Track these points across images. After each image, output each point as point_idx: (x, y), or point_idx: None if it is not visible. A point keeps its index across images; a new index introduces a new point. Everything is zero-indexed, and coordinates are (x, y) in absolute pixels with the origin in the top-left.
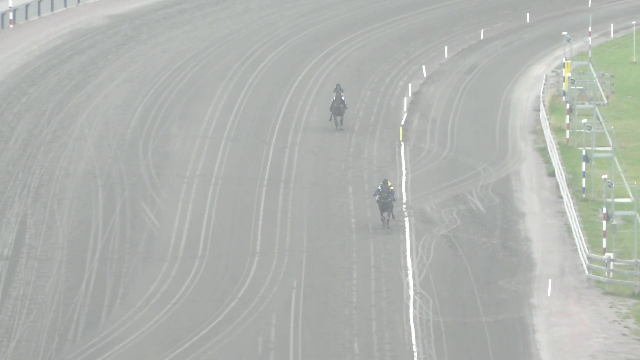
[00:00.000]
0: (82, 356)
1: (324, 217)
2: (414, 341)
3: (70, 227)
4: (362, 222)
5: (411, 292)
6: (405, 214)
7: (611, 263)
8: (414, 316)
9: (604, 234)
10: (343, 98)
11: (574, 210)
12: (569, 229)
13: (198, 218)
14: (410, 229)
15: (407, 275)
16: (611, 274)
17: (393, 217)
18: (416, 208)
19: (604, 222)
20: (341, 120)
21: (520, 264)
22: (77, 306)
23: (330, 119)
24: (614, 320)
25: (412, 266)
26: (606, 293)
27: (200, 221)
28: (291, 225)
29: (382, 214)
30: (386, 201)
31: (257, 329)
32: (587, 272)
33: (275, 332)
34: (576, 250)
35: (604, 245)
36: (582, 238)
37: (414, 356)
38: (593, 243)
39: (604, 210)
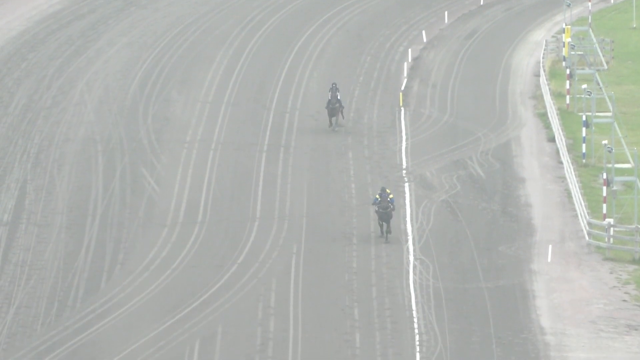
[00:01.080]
0: (82, 322)
1: (324, 183)
2: (414, 307)
3: (70, 193)
4: (362, 187)
5: (411, 258)
6: (405, 179)
7: (611, 229)
8: (414, 282)
9: (604, 200)
10: (339, 97)
11: (574, 176)
12: (569, 195)
13: (198, 183)
14: (410, 195)
15: (407, 241)
16: (611, 239)
17: (390, 231)
18: (416, 173)
19: (604, 188)
20: (336, 121)
21: (520, 230)
22: (77, 272)
23: (330, 122)
24: (614, 286)
25: (412, 232)
26: (606, 259)
27: (200, 186)
28: (291, 190)
29: (380, 224)
30: (385, 211)
31: (257, 295)
32: (587, 237)
33: (275, 298)
34: (576, 215)
35: (604, 211)
36: (582, 204)
37: (414, 322)
38: (593, 209)
39: (604, 176)
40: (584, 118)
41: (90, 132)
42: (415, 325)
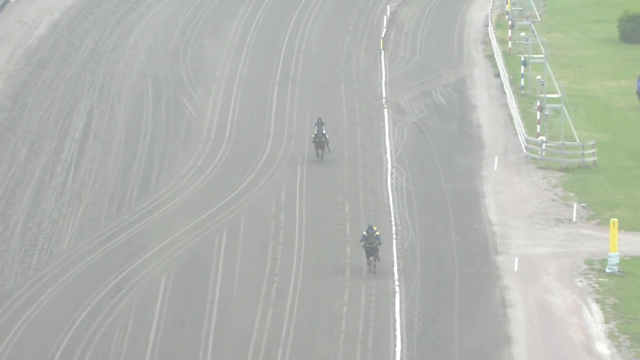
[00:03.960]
0: (136, 216)
1: (322, 110)
2: (391, 204)
3: (126, 116)
4: (352, 113)
5: (389, 166)
6: (385, 106)
7: (544, 144)
8: (391, 185)
9: (538, 122)
10: (324, 132)
11: (514, 104)
12: (510, 118)
13: (225, 109)
14: (388, 118)
15: (386, 153)
16: (544, 152)
17: (379, 260)
18: (393, 102)
19: (538, 113)
20: (322, 155)
21: (473, 145)
22: (132, 177)
23: (318, 154)
24: (546, 189)
25: (389, 146)
26: (540, 167)
27: (227, 112)
28: (297, 114)
29: (368, 259)
30: (372, 246)
31: (271, 194)
32: (525, 151)
33: (284, 197)
34: (516, 134)
35: (538, 131)
36: (521, 125)
37: (391, 216)
38: (529, 129)
39: (538, 103)
40: (522, 59)
41: (142, 70)
42: (392, 218)
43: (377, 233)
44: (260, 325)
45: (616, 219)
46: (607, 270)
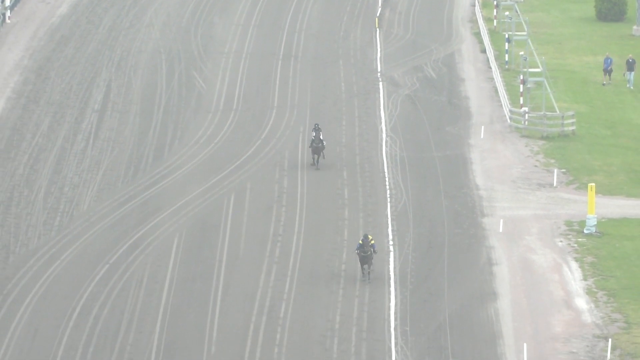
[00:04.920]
0: (150, 180)
1: (322, 82)
2: (385, 170)
3: (142, 89)
4: (349, 86)
5: (384, 135)
6: (380, 79)
7: (526, 115)
8: (386, 152)
9: (521, 94)
10: (321, 137)
11: (499, 77)
12: (496, 90)
13: (233, 82)
14: (383, 91)
15: (381, 123)
16: (526, 122)
17: (372, 270)
18: (387, 75)
19: (521, 85)
20: (318, 160)
21: (461, 115)
22: (147, 145)
23: (313, 159)
24: (528, 156)
25: (384, 117)
26: (523, 136)
27: (234, 84)
28: (299, 87)
29: (362, 266)
30: (366, 254)
31: (275, 161)
32: (509, 121)
33: (287, 163)
34: (501, 105)
35: (521, 102)
36: (506, 97)
37: (385, 181)
38: (513, 100)
39: (521, 77)
40: (506, 36)
41: (156, 46)
42: (387, 183)
43: (372, 242)
44: (265, 282)
45: (593, 184)
46: (585, 231)
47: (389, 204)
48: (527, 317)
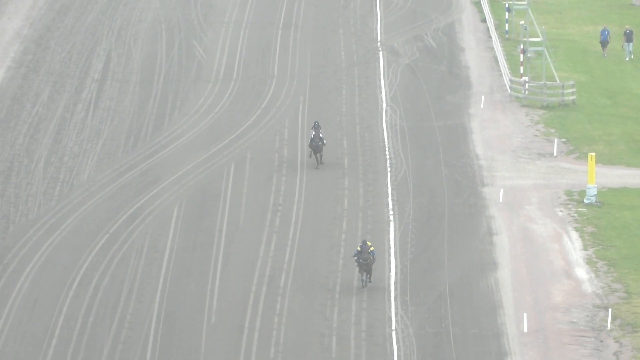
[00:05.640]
0: (150, 150)
1: (322, 51)
2: (386, 139)
3: (142, 58)
4: (349, 55)
5: (384, 104)
6: (380, 49)
7: (526, 84)
8: (386, 122)
9: (521, 64)
10: (321, 135)
11: (499, 47)
12: (496, 60)
13: (233, 51)
14: (383, 60)
15: (381, 92)
16: (526, 92)
17: (370, 280)
18: (387, 44)
19: (521, 55)
20: (320, 157)
21: (461, 85)
22: (147, 114)
23: (310, 156)
24: (529, 125)
25: (384, 86)
26: (523, 106)
27: (234, 54)
28: (299, 56)
29: (361, 274)
30: (366, 262)
31: (275, 130)
32: (509, 90)
33: (287, 132)
34: (501, 75)
35: (521, 71)
36: (506, 66)
37: (385, 150)
38: (513, 70)
39: (521, 47)
40: (506, 5)
41: (156, 15)
42: (387, 153)
43: (372, 248)
44: (265, 251)
45: (594, 153)
46: (585, 201)
47: (389, 174)
48: (527, 286)
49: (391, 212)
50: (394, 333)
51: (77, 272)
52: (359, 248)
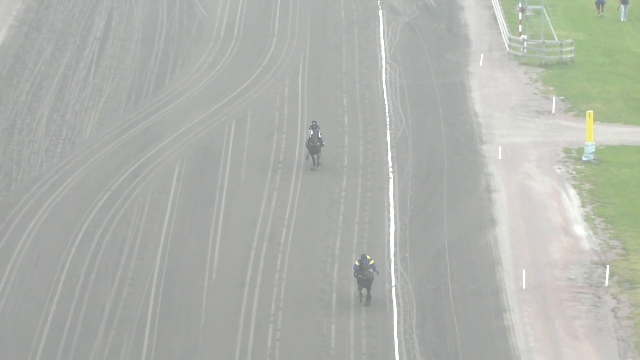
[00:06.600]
0: (152, 108)
1: (322, 11)
2: (385, 97)
3: (143, 17)
4: (349, 14)
5: (384, 63)
6: (379, 7)
7: (525, 42)
8: (386, 80)
9: (520, 22)
10: (320, 136)
11: (498, 5)
12: (495, 18)
13: (234, 10)
14: (382, 19)
15: (380, 51)
16: (525, 50)
17: (370, 296)
18: (386, 3)
19: (520, 13)
20: (318, 158)
21: (461, 43)
22: (149, 72)
23: (307, 158)
24: (527, 83)
25: (384, 44)
26: (521, 64)
27: (235, 12)
28: (299, 16)
29: (360, 291)
30: (366, 277)
31: (275, 88)
32: (508, 48)
33: (288, 91)
34: (500, 33)
35: (520, 30)
36: (504, 24)
37: (385, 108)
38: (512, 28)
39: (520, 5)
40: None
41: None
42: (387, 111)
43: (372, 262)
44: (265, 208)
45: (591, 111)
46: (583, 159)
47: (388, 131)
48: (525, 243)
49: (391, 170)
50: (393, 289)
51: (79, 229)
52: (357, 263)
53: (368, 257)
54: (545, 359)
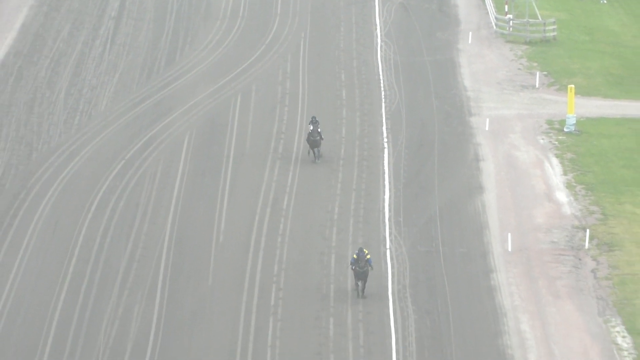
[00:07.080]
0: (163, 82)
1: None
2: (380, 73)
3: None
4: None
5: (379, 40)
6: None
7: (511, 21)
8: (381, 56)
9: (506, 2)
10: (319, 130)
11: None
12: None
13: None
14: None
15: (376, 29)
16: (511, 28)
17: (364, 289)
18: None
19: None
20: (318, 151)
21: (450, 22)
22: (160, 49)
23: (308, 153)
24: (513, 60)
25: (379, 23)
26: (507, 41)
27: None
28: None
29: (356, 283)
30: (362, 270)
31: (278, 64)
32: (494, 27)
33: (290, 67)
34: (487, 13)
35: (506, 10)
36: (492, 5)
37: (380, 83)
38: (499, 8)
39: None
40: None
41: None
42: (382, 85)
43: (368, 256)
44: (269, 176)
45: (573, 85)
46: (565, 130)
47: (383, 104)
48: (511, 209)
49: (385, 140)
50: (387, 251)
51: (95, 196)
52: (355, 256)
53: (365, 250)
54: (530, 317)
